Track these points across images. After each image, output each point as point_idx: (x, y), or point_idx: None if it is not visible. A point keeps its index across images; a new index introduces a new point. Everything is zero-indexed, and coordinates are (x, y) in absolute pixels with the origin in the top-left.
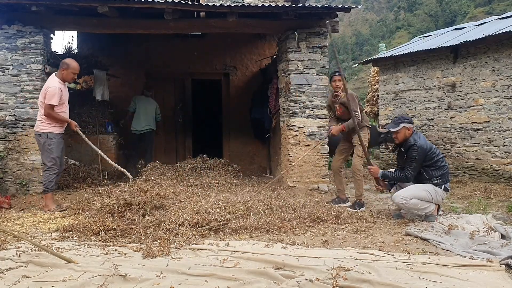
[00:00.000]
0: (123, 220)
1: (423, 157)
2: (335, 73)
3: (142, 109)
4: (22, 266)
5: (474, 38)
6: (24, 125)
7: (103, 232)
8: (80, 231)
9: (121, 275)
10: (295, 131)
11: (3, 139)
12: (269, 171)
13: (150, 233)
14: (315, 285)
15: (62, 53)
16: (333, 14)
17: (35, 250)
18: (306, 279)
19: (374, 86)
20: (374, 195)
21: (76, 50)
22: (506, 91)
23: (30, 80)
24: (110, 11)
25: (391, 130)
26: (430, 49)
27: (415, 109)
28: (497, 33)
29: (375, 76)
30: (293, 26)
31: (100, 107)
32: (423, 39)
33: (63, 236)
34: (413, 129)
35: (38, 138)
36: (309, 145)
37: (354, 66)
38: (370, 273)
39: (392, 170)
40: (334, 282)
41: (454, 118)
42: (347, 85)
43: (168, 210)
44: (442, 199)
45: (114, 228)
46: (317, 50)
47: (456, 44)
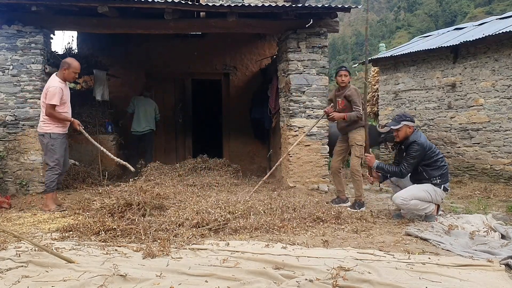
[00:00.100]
0: (123, 220)
1: (422, 155)
2: (341, 67)
3: (141, 110)
4: (22, 266)
5: (474, 38)
6: (24, 125)
7: (103, 232)
8: (80, 231)
9: (121, 275)
10: (295, 131)
11: (3, 139)
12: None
13: (150, 233)
14: (315, 285)
15: (62, 53)
16: (333, 14)
17: (35, 250)
18: (306, 279)
19: (374, 86)
20: (374, 195)
21: (76, 50)
22: (506, 91)
23: (30, 80)
24: (110, 11)
25: (392, 127)
26: (430, 49)
27: (415, 109)
28: (497, 33)
29: (375, 76)
30: (293, 26)
31: (100, 107)
32: (423, 39)
33: (63, 236)
34: (414, 127)
35: (41, 138)
36: (309, 145)
37: (354, 66)
38: (370, 273)
39: (388, 164)
40: (334, 282)
41: (454, 118)
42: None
43: (168, 210)
44: (442, 199)
45: (114, 228)
46: (317, 50)
47: (456, 44)
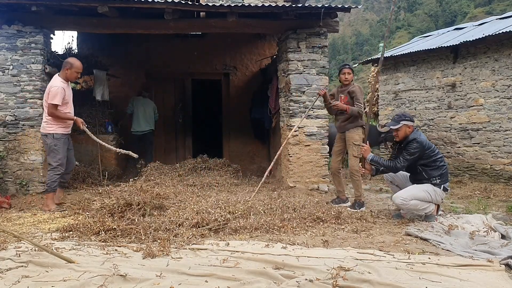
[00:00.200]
0: (123, 220)
1: (420, 153)
2: (345, 65)
3: (140, 110)
4: (22, 266)
5: (474, 38)
6: (24, 125)
7: (103, 232)
8: (80, 231)
9: (121, 275)
10: (295, 131)
11: (3, 139)
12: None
13: (150, 233)
14: (315, 285)
15: (62, 53)
16: (333, 14)
17: (35, 250)
18: (306, 279)
19: (373, 84)
20: (374, 195)
21: (76, 50)
22: (506, 91)
23: (30, 80)
24: (110, 11)
25: (392, 127)
26: (430, 49)
27: (415, 109)
28: (497, 33)
29: (374, 76)
30: (293, 26)
31: (100, 107)
32: (423, 39)
33: (63, 236)
34: (413, 127)
35: (45, 139)
36: (309, 145)
37: (354, 66)
38: (370, 273)
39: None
40: (334, 282)
41: (454, 118)
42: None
43: (168, 210)
44: (442, 199)
45: (114, 228)
46: (317, 50)
47: (456, 44)
